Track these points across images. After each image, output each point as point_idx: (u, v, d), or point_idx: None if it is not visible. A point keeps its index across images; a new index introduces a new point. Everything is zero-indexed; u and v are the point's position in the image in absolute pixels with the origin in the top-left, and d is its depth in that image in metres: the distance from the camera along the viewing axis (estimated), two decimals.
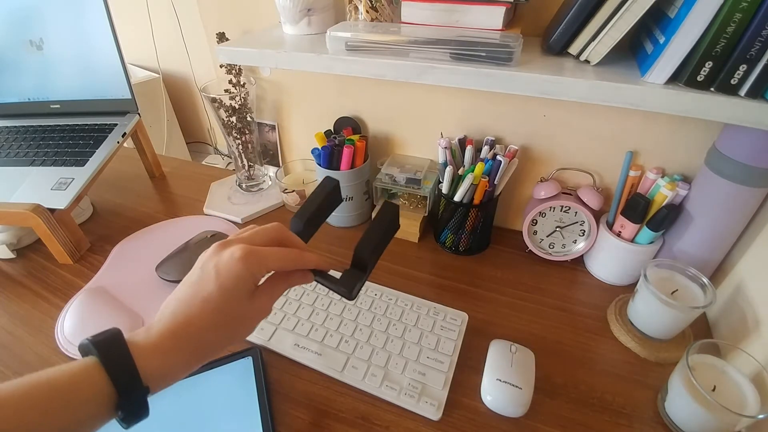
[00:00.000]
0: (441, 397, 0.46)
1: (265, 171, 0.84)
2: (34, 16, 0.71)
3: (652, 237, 0.56)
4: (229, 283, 0.30)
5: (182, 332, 0.29)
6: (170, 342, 0.29)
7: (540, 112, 0.60)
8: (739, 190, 0.48)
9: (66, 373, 0.26)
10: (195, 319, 0.30)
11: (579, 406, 0.46)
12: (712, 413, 0.39)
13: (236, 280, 0.31)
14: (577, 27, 0.43)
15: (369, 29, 0.51)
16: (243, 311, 0.32)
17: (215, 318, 0.30)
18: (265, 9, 0.68)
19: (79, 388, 0.26)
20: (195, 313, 0.30)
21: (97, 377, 0.26)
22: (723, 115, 0.38)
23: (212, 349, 0.31)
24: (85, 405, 0.26)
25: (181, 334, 0.29)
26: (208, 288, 0.30)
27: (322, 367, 0.49)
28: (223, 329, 0.31)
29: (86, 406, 0.26)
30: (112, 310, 0.56)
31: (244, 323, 0.33)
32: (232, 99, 0.72)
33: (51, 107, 0.77)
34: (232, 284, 0.30)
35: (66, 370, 0.26)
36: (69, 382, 0.26)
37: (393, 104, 0.69)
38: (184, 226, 0.73)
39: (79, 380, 0.26)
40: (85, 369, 0.26)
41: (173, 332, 0.29)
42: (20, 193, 0.63)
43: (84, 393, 0.26)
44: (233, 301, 0.31)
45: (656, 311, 0.49)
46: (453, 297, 0.59)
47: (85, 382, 0.26)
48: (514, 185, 0.68)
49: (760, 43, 0.34)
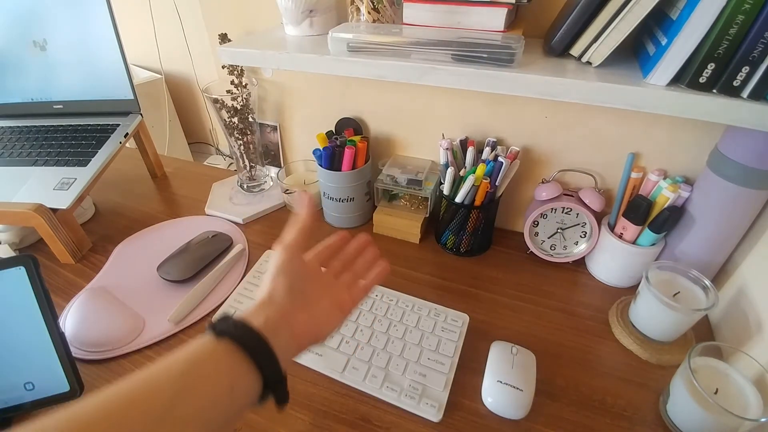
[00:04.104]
0: (442, 398, 0.46)
1: (267, 171, 0.84)
2: (38, 17, 0.72)
3: (653, 239, 0.55)
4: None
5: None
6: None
7: (542, 114, 0.60)
8: (742, 192, 0.48)
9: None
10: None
11: (580, 409, 0.46)
12: (714, 416, 0.39)
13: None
14: (579, 28, 0.43)
15: (371, 30, 0.51)
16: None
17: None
18: (267, 10, 0.68)
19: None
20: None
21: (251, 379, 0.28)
22: (725, 117, 0.38)
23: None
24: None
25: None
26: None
27: (322, 368, 0.49)
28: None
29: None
30: (113, 309, 0.56)
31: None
32: (234, 100, 0.72)
33: (54, 107, 0.77)
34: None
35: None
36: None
37: (394, 105, 0.69)
38: (185, 227, 0.73)
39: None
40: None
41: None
42: (23, 193, 0.64)
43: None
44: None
45: (658, 313, 0.49)
46: (454, 298, 0.59)
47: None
48: (516, 186, 0.68)
49: (763, 45, 0.34)
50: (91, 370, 0.49)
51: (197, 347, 0.28)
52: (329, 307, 0.36)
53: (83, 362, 0.50)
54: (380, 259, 0.42)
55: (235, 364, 0.27)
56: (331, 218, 0.74)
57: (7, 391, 0.44)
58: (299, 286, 0.34)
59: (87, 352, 0.51)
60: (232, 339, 0.28)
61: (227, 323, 0.29)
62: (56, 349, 0.44)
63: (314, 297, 0.35)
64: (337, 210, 0.71)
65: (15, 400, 0.44)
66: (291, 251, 0.35)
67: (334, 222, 0.74)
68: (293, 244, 0.36)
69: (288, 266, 0.35)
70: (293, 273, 0.35)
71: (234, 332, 0.28)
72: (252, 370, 0.28)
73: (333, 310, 0.36)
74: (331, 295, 0.37)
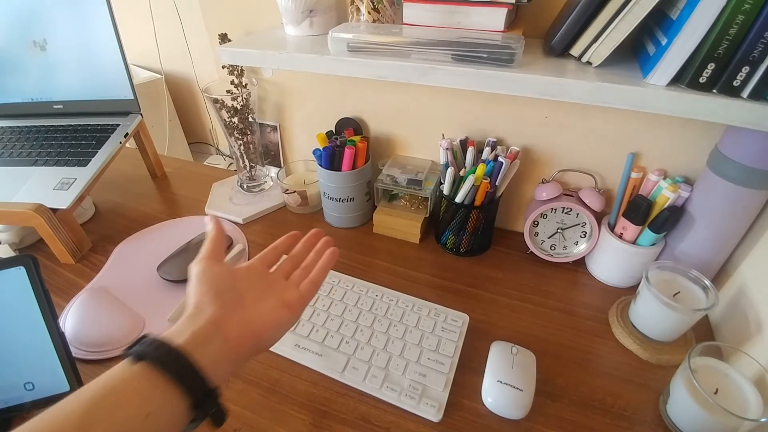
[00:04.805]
0: (441, 398, 0.46)
1: (267, 171, 0.84)
2: (38, 17, 0.72)
3: (653, 239, 0.55)
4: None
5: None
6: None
7: (542, 114, 0.60)
8: (742, 192, 0.48)
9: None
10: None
11: (580, 409, 0.46)
12: (714, 416, 0.39)
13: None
14: (579, 28, 0.43)
15: (371, 30, 0.51)
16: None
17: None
18: (267, 10, 0.68)
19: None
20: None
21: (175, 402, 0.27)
22: (725, 117, 0.38)
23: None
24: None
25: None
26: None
27: (322, 368, 0.49)
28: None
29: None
30: (113, 309, 0.56)
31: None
32: (234, 100, 0.72)
33: (54, 107, 0.77)
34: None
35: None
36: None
37: (394, 105, 0.69)
38: (185, 227, 0.73)
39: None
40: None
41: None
42: (23, 193, 0.64)
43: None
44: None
45: (658, 313, 0.49)
46: (454, 298, 0.59)
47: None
48: (516, 187, 0.68)
49: (763, 45, 0.34)
50: (91, 370, 0.49)
51: (112, 373, 0.26)
52: (274, 307, 0.35)
53: (83, 362, 0.50)
54: (331, 246, 0.42)
55: (154, 389, 0.26)
56: (331, 218, 0.74)
57: (7, 391, 0.44)
58: (227, 288, 0.34)
59: (87, 352, 0.51)
60: (150, 361, 0.26)
61: (144, 345, 0.28)
62: (56, 349, 0.44)
63: (253, 297, 0.35)
64: (337, 210, 0.71)
65: (15, 400, 0.44)
66: (205, 262, 0.35)
67: (334, 222, 0.74)
68: (205, 256, 0.36)
69: (207, 274, 0.34)
70: (215, 278, 0.34)
71: (152, 353, 0.27)
72: (174, 392, 0.26)
73: (279, 309, 0.35)
74: (276, 295, 0.36)
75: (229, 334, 0.31)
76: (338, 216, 0.72)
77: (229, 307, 0.32)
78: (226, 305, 0.32)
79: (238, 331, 0.32)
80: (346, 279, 0.61)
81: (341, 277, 0.61)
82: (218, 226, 0.39)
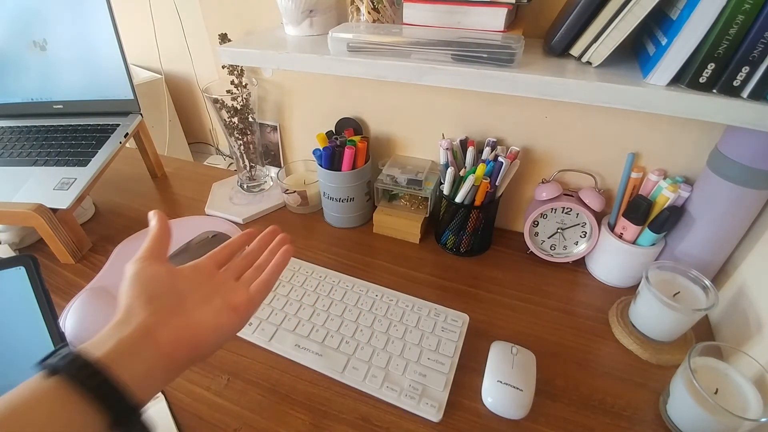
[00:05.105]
0: (441, 398, 0.46)
1: (267, 171, 0.84)
2: (38, 17, 0.72)
3: (653, 239, 0.55)
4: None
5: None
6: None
7: (541, 114, 0.60)
8: (742, 192, 0.48)
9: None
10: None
11: (580, 409, 0.46)
12: (714, 416, 0.39)
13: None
14: (579, 28, 0.43)
15: (371, 30, 0.51)
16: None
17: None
18: (267, 10, 0.68)
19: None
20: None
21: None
22: (725, 117, 0.38)
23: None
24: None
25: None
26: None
27: (322, 368, 0.49)
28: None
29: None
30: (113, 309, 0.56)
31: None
32: (234, 100, 0.72)
33: (54, 107, 0.77)
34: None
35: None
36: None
37: (394, 105, 0.69)
38: (185, 227, 0.73)
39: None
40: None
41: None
42: (23, 193, 0.64)
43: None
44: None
45: (658, 313, 0.49)
46: (454, 298, 0.59)
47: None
48: (516, 187, 0.68)
49: (763, 45, 0.34)
50: None
51: (21, 389, 0.24)
52: (218, 310, 0.32)
53: None
54: (286, 244, 0.40)
55: (66, 407, 0.23)
56: (331, 218, 0.74)
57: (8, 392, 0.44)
58: (165, 290, 0.31)
59: None
60: (64, 376, 0.24)
61: (59, 357, 0.25)
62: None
63: (195, 299, 0.32)
64: (337, 210, 0.71)
65: None
66: (141, 262, 0.32)
67: (334, 222, 0.74)
68: (143, 255, 0.33)
69: (142, 275, 0.31)
70: (151, 280, 0.31)
71: (66, 367, 0.24)
72: (90, 410, 0.24)
73: (223, 313, 0.32)
74: (222, 296, 0.33)
75: (161, 342, 0.28)
76: (338, 216, 0.72)
77: (163, 311, 0.30)
78: (160, 310, 0.30)
79: (173, 337, 0.29)
80: (346, 279, 0.61)
81: (341, 277, 0.61)
82: (162, 222, 0.36)
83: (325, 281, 0.60)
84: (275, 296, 0.58)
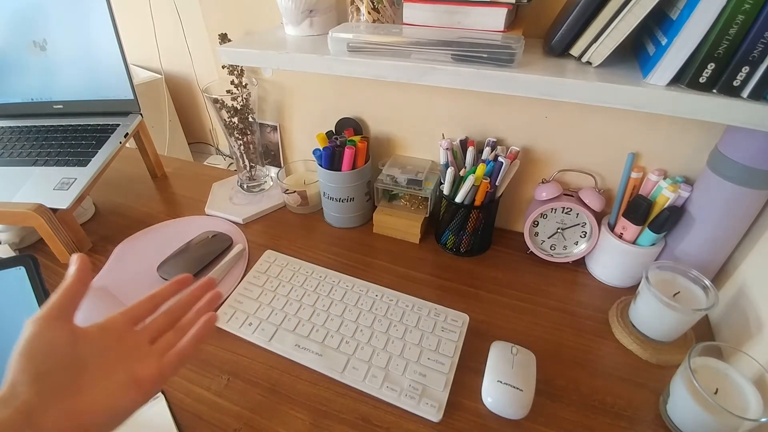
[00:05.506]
0: (441, 398, 0.46)
1: (267, 171, 0.84)
2: (38, 17, 0.72)
3: (653, 239, 0.55)
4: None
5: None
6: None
7: (541, 114, 0.60)
8: (742, 192, 0.48)
9: None
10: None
11: (580, 409, 0.46)
12: (714, 416, 0.39)
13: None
14: (579, 28, 0.43)
15: (371, 30, 0.51)
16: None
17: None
18: (267, 10, 0.68)
19: None
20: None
21: None
22: (725, 117, 0.38)
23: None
24: None
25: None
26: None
27: (322, 368, 0.49)
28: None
29: None
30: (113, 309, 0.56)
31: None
32: (234, 100, 0.72)
33: (54, 107, 0.77)
34: None
35: None
36: None
37: (394, 105, 0.69)
38: (185, 227, 0.73)
39: None
40: None
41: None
42: (23, 193, 0.64)
43: None
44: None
45: (658, 313, 0.49)
46: (454, 298, 0.59)
47: None
48: (516, 187, 0.68)
49: (763, 45, 0.34)
50: None
51: None
52: (119, 386, 0.28)
53: None
54: (213, 308, 0.35)
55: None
56: (331, 218, 0.74)
57: None
58: (59, 364, 0.27)
59: None
60: None
61: None
62: None
63: (95, 372, 0.28)
64: (337, 210, 0.71)
65: None
66: (40, 324, 0.27)
67: (334, 222, 0.74)
68: (44, 314, 0.28)
69: (36, 342, 0.27)
70: (45, 349, 0.27)
71: None
72: None
73: (124, 390, 0.28)
74: (127, 367, 0.29)
75: (43, 428, 0.25)
76: (338, 216, 0.72)
77: (50, 393, 0.26)
78: (46, 390, 0.26)
79: (58, 425, 0.25)
80: (346, 279, 0.61)
81: (341, 277, 0.61)
82: (80, 272, 0.31)
83: (325, 281, 0.60)
84: (275, 296, 0.58)
